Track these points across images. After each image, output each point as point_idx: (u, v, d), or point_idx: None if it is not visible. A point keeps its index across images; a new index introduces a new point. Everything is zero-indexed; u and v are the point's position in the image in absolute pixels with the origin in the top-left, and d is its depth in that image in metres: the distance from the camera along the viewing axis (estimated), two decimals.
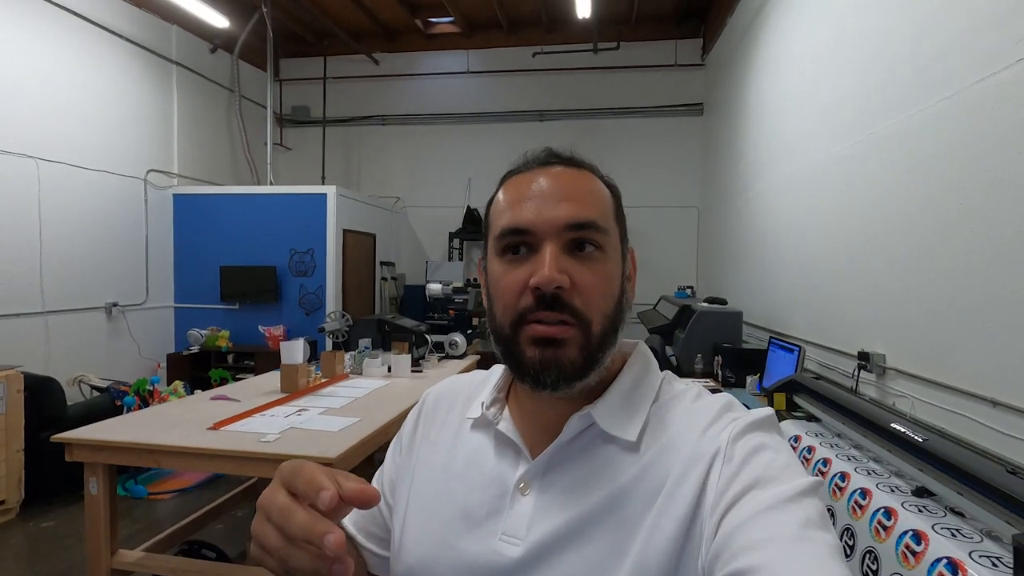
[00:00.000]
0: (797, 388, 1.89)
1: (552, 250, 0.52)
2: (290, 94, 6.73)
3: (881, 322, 2.22)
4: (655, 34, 5.97)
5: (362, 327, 3.40)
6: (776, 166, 3.47)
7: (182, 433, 1.85)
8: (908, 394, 2.02)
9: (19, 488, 2.88)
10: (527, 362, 0.52)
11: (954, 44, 1.78)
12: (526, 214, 0.53)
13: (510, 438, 0.57)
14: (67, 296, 4.08)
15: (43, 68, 3.92)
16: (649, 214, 6.07)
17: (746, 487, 0.45)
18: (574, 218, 0.53)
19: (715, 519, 0.45)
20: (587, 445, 0.55)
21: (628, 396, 0.56)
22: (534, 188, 0.55)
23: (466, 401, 0.64)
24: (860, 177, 2.39)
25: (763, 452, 0.48)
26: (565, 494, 0.53)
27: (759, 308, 3.62)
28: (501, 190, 0.59)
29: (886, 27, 2.22)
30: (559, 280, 0.50)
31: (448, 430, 0.63)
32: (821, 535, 0.41)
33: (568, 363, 0.51)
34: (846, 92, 2.55)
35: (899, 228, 2.09)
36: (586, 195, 0.56)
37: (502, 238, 0.54)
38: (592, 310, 0.52)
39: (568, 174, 0.57)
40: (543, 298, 0.51)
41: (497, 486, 0.56)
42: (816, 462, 1.44)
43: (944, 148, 1.81)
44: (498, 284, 0.54)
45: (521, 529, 0.53)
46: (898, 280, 2.09)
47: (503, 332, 0.54)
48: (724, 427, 0.51)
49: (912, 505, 1.09)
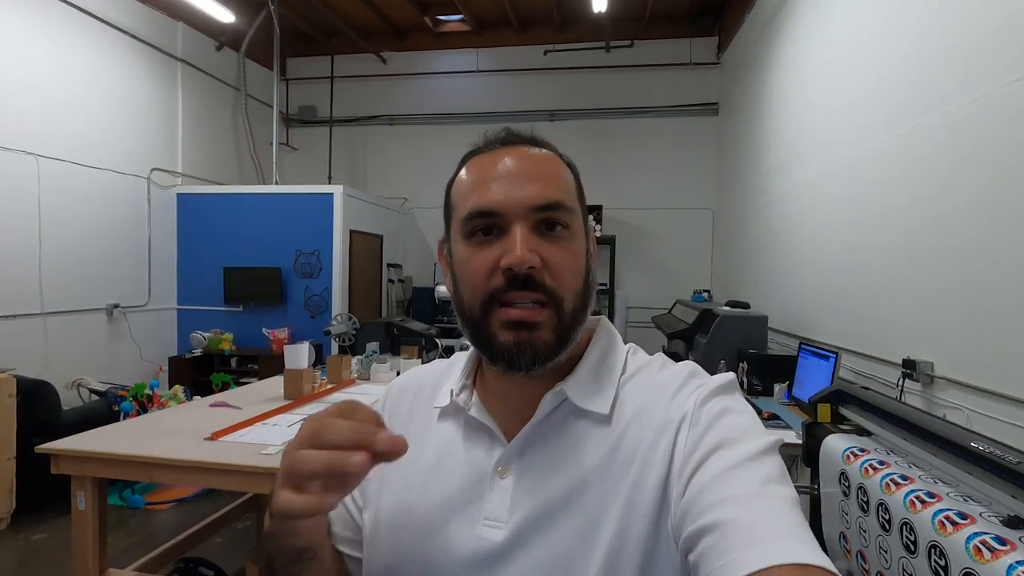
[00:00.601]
0: (844, 398, 1.73)
1: (522, 231, 0.52)
2: (296, 93, 6.63)
3: (927, 327, 2.06)
4: (669, 32, 5.84)
5: (369, 330, 3.27)
6: (802, 166, 3.32)
7: (177, 444, 1.71)
8: (961, 405, 1.87)
9: (10, 498, 2.75)
10: (500, 345, 0.52)
11: (1005, 31, 1.64)
12: (494, 195, 0.53)
13: (483, 423, 0.57)
14: (67, 297, 3.96)
15: (45, 64, 3.82)
16: (662, 216, 5.92)
17: (711, 448, 0.48)
18: (543, 198, 0.53)
19: (683, 480, 0.48)
20: (561, 422, 0.55)
21: (597, 370, 0.57)
22: (499, 169, 0.55)
23: (432, 391, 0.64)
24: (900, 174, 2.24)
25: (727, 415, 0.50)
26: (544, 473, 0.53)
27: (784, 312, 3.46)
28: (463, 171, 0.58)
29: (930, 13, 2.07)
30: (531, 260, 0.51)
31: (416, 422, 0.62)
32: (780, 490, 0.44)
33: (543, 344, 0.52)
34: (884, 85, 2.40)
35: (947, 225, 1.94)
36: (551, 176, 0.56)
37: (469, 220, 0.54)
38: (564, 288, 0.53)
39: (532, 155, 0.57)
40: (515, 278, 0.51)
41: (474, 472, 0.56)
42: (882, 478, 1.28)
43: (997, 141, 1.67)
44: (465, 266, 0.54)
45: (503, 512, 0.53)
46: (946, 282, 1.94)
47: (472, 314, 0.54)
48: (690, 393, 0.53)
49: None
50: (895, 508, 1.21)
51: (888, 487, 1.26)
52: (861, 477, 1.37)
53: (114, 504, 3.02)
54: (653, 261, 5.96)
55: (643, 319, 5.68)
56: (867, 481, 1.34)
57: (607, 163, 5.91)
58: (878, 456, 1.39)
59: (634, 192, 5.90)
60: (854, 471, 1.41)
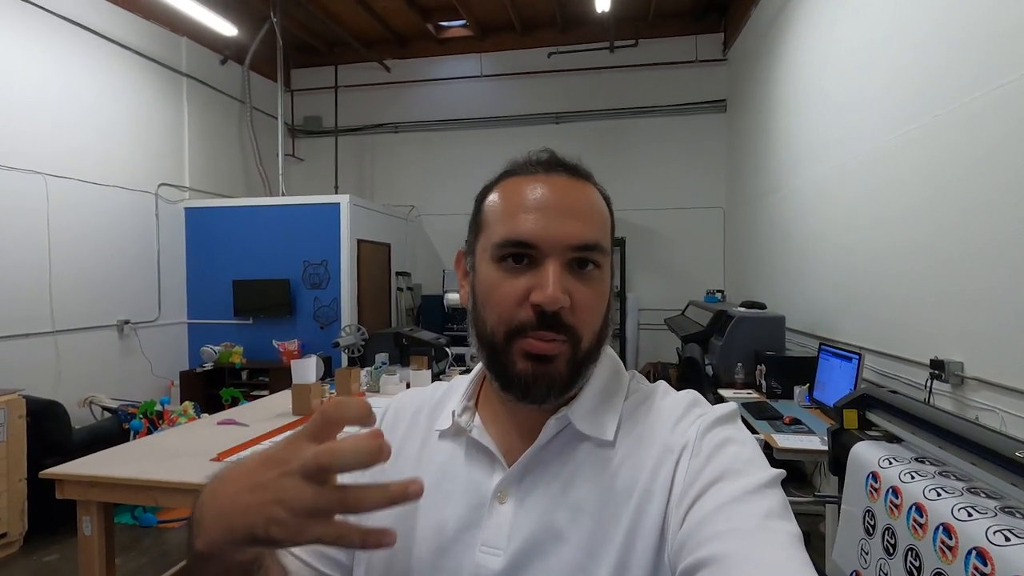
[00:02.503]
0: (871, 403, 1.65)
1: (556, 269, 0.51)
2: (301, 104, 6.64)
3: (956, 326, 1.98)
4: (673, 30, 5.77)
5: (378, 341, 3.22)
6: (815, 161, 3.24)
7: (183, 465, 1.67)
8: (994, 407, 1.79)
9: (22, 519, 2.73)
10: (517, 374, 0.52)
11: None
12: (532, 226, 0.52)
13: (484, 445, 0.56)
14: (77, 314, 3.96)
15: (53, 84, 3.84)
16: (673, 216, 5.84)
17: (712, 480, 0.47)
18: (582, 239, 0.52)
19: (682, 510, 0.47)
20: (563, 447, 0.55)
21: (601, 396, 0.57)
22: (540, 198, 0.53)
23: (430, 412, 0.63)
24: (924, 165, 2.16)
25: (729, 446, 0.50)
26: (543, 499, 0.52)
27: (801, 312, 3.38)
28: (500, 190, 0.57)
29: (947, 2, 2.00)
30: (563, 301, 0.50)
31: (413, 443, 0.61)
32: (782, 525, 0.43)
33: (558, 377, 0.52)
34: (900, 77, 2.32)
35: (974, 220, 1.86)
36: (591, 213, 0.55)
37: (503, 247, 0.53)
38: (584, 327, 0.52)
39: (574, 187, 0.56)
40: (543, 316, 0.51)
41: (473, 496, 0.55)
42: (923, 488, 1.21)
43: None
44: (493, 291, 0.53)
45: (501, 539, 0.52)
46: (976, 279, 1.86)
47: (494, 340, 0.53)
48: (692, 422, 0.53)
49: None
50: (934, 516, 1.13)
51: (927, 495, 1.19)
52: (896, 481, 1.30)
53: (126, 523, 2.99)
54: (664, 262, 5.88)
55: (656, 321, 5.60)
56: (904, 486, 1.27)
57: (614, 164, 5.84)
58: (913, 467, 1.31)
59: (643, 193, 5.83)
60: (889, 475, 1.34)
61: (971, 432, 1.23)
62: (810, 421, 2.38)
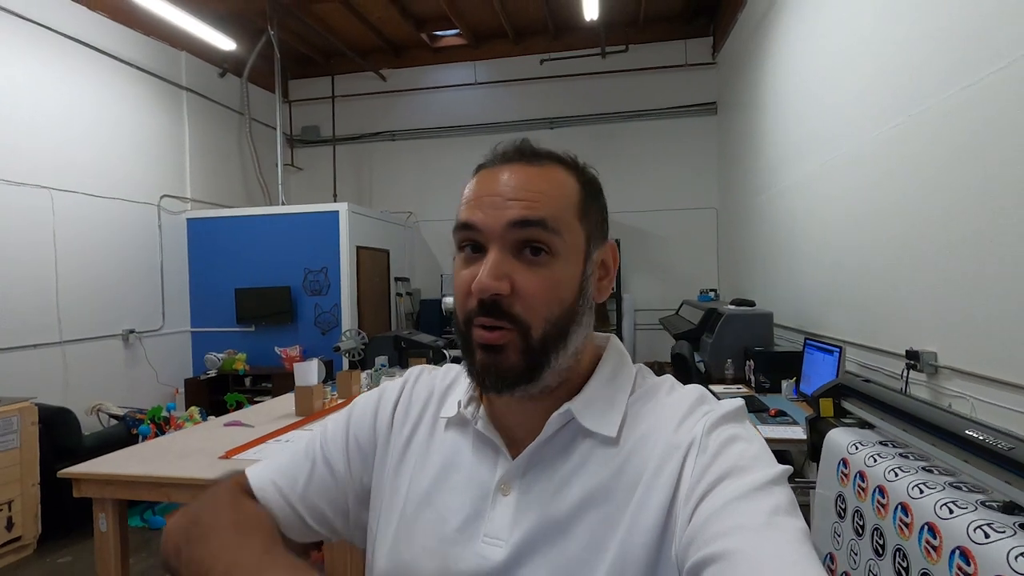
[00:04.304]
0: (846, 392, 1.74)
1: (495, 254, 0.51)
2: (299, 114, 6.74)
3: (931, 318, 2.06)
4: (664, 35, 5.88)
5: (378, 344, 3.31)
6: (802, 159, 3.33)
7: (193, 464, 1.76)
8: (966, 394, 1.87)
9: (36, 523, 2.82)
10: (475, 363, 0.53)
11: (1003, 11, 1.65)
12: (478, 212, 0.53)
13: (489, 437, 0.57)
14: (84, 325, 4.06)
15: (57, 101, 3.94)
16: (666, 217, 5.94)
17: (719, 477, 0.47)
18: (519, 217, 0.51)
19: (689, 507, 0.47)
20: (567, 442, 0.55)
21: (605, 391, 0.56)
22: (491, 185, 0.54)
23: (440, 399, 0.63)
24: (903, 162, 2.24)
25: (736, 443, 0.49)
26: (546, 492, 0.53)
27: (790, 308, 3.46)
28: (469, 182, 0.58)
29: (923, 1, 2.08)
30: (495, 288, 0.50)
31: (422, 430, 0.62)
32: (790, 521, 0.43)
33: (508, 368, 0.51)
34: (883, 72, 2.39)
35: (949, 215, 1.94)
36: (538, 193, 0.53)
37: (456, 233, 0.54)
38: (533, 316, 0.51)
39: (526, 171, 0.54)
40: (482, 303, 0.51)
41: (477, 488, 0.56)
42: (883, 470, 1.29)
43: (1000, 124, 1.67)
44: (454, 281, 0.55)
45: (504, 530, 0.53)
46: (949, 271, 1.94)
47: (459, 329, 0.54)
48: (698, 419, 0.52)
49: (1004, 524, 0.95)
50: (895, 495, 1.22)
51: (887, 476, 1.27)
52: (862, 466, 1.39)
53: (136, 526, 3.08)
54: (659, 263, 5.97)
55: (652, 321, 5.69)
56: (868, 470, 1.36)
57: (609, 167, 5.93)
58: (876, 450, 1.40)
59: (637, 195, 5.92)
60: (857, 460, 1.42)
61: (929, 414, 1.32)
62: (795, 413, 2.46)
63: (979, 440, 1.11)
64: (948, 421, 1.25)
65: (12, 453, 2.74)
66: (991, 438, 1.09)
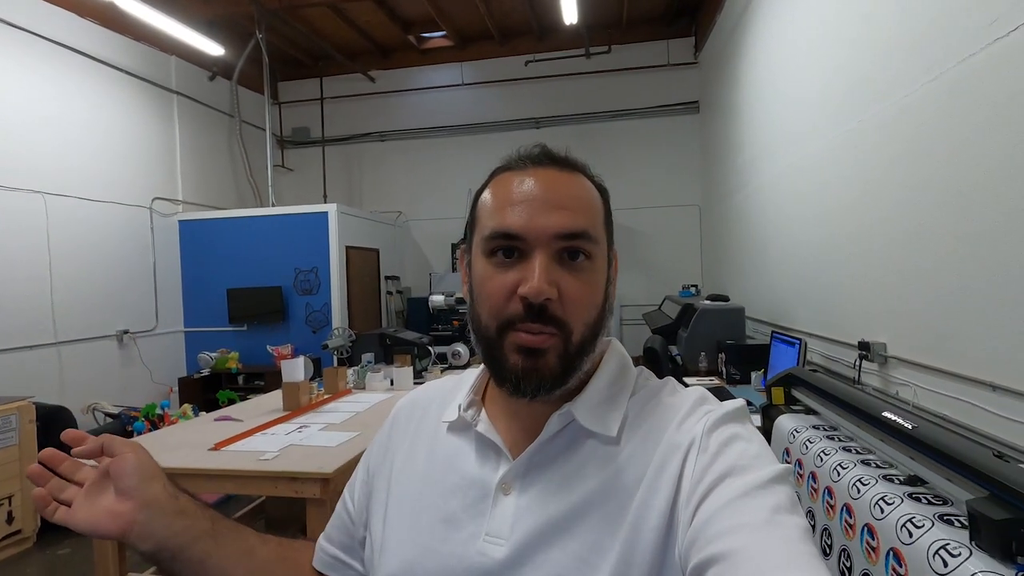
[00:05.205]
0: (795, 381, 1.86)
1: (542, 260, 0.52)
2: (289, 116, 6.83)
3: (881, 311, 2.19)
4: (647, 35, 5.99)
5: (365, 342, 3.42)
6: (774, 159, 3.45)
7: (184, 455, 1.87)
8: (910, 382, 1.99)
9: (35, 517, 2.93)
10: (509, 368, 0.53)
11: (934, 27, 1.77)
12: (517, 219, 0.53)
13: (490, 439, 0.58)
14: (79, 326, 4.15)
15: (49, 107, 4.02)
16: (651, 214, 6.05)
17: (720, 476, 0.47)
18: (567, 228, 0.53)
19: (691, 507, 0.47)
20: (568, 442, 0.55)
21: (606, 392, 0.57)
22: (526, 190, 0.54)
23: (440, 406, 0.64)
24: (855, 164, 2.36)
25: (736, 442, 0.50)
26: (547, 492, 0.53)
27: (763, 303, 3.60)
28: (491, 186, 0.58)
29: (870, 11, 2.19)
30: (549, 293, 0.51)
31: (423, 436, 0.63)
32: (791, 519, 0.44)
33: (548, 371, 0.52)
34: (836, 79, 2.52)
35: (895, 214, 2.06)
36: (579, 202, 0.55)
37: (491, 240, 0.54)
38: (575, 320, 0.52)
39: (562, 178, 0.56)
40: (531, 308, 0.51)
41: (478, 488, 0.56)
42: (813, 454, 1.42)
43: (933, 130, 1.79)
44: (484, 286, 0.54)
45: (505, 529, 0.53)
46: (896, 267, 2.07)
47: (488, 335, 0.54)
48: (699, 419, 0.52)
49: (904, 495, 1.07)
50: (822, 479, 1.35)
51: (817, 461, 1.40)
52: (799, 453, 1.51)
53: None
54: (644, 259, 6.09)
55: (636, 317, 5.82)
56: (804, 457, 1.48)
57: (593, 166, 5.80)
58: (813, 434, 1.53)
59: (622, 193, 6.02)
60: (796, 447, 1.55)
61: (856, 399, 1.45)
62: (760, 402, 2.58)
63: (891, 421, 1.24)
64: (870, 404, 1.37)
65: (11, 450, 2.85)
66: (900, 419, 1.21)
